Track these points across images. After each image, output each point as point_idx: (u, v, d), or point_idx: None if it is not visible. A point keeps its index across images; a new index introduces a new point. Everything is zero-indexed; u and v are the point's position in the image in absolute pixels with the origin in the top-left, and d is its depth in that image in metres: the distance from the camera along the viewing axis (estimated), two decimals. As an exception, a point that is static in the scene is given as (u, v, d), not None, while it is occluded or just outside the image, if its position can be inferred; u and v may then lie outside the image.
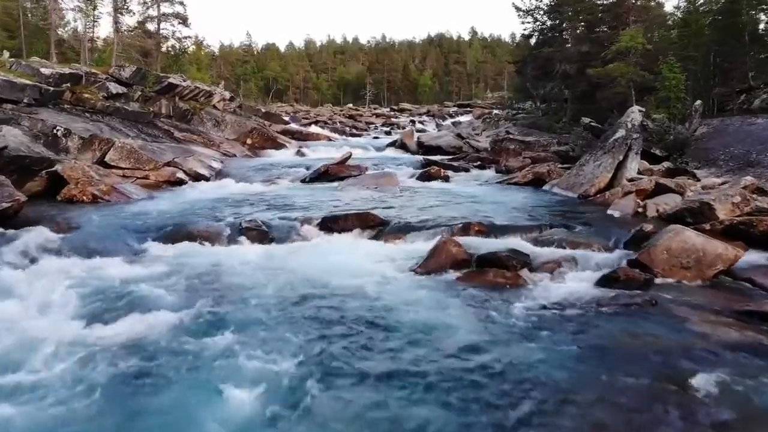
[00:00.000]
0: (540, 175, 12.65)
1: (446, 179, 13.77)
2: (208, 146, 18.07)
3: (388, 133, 36.54)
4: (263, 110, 27.07)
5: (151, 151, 13.09)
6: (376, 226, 7.42)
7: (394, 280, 5.25)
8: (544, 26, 25.49)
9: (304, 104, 63.98)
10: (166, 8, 23.13)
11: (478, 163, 16.45)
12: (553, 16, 24.29)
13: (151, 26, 23.24)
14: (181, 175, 12.69)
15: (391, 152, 23.31)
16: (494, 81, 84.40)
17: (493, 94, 75.55)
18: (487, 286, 5.00)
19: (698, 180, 10.37)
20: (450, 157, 19.60)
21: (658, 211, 7.79)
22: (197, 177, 13.29)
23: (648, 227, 6.23)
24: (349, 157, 14.65)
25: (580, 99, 19.85)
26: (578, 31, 22.01)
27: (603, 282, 5.08)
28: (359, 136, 33.79)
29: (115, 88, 15.88)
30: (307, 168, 14.68)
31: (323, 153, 21.66)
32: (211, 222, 7.49)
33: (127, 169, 12.31)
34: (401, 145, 23.90)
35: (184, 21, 23.31)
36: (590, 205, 9.11)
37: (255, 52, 79.33)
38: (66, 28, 30.82)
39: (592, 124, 13.20)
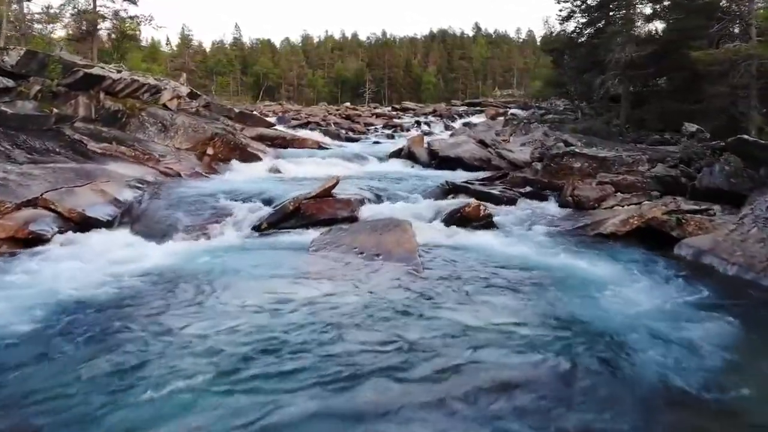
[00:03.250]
0: (658, 223, 7.39)
1: (489, 223, 8.54)
2: (141, 162, 12.83)
3: (390, 137, 31.47)
4: (236, 110, 21.83)
5: (-2, 183, 7.82)
6: None
7: None
8: (585, 3, 20.23)
9: (297, 103, 58.57)
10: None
11: (527, 189, 11.17)
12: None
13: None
14: (41, 225, 7.42)
15: (396, 164, 18.12)
16: (502, 78, 79.01)
17: (502, 92, 70.24)
18: None
19: None
20: (478, 175, 14.37)
21: None
22: (84, 223, 8.04)
23: None
24: (336, 184, 9.41)
25: (658, 96, 14.61)
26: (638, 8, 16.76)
27: None
28: (356, 140, 28.61)
29: (-17, 79, 10.64)
30: (269, 202, 9.42)
31: (306, 167, 16.48)
32: None
33: (-57, 216, 7.06)
34: (408, 155, 18.68)
35: (129, -4, 17.93)
36: None
37: (245, 47, 73.80)
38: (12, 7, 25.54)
39: (749, 138, 7.91)
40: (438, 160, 17.33)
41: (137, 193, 9.95)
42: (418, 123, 38.18)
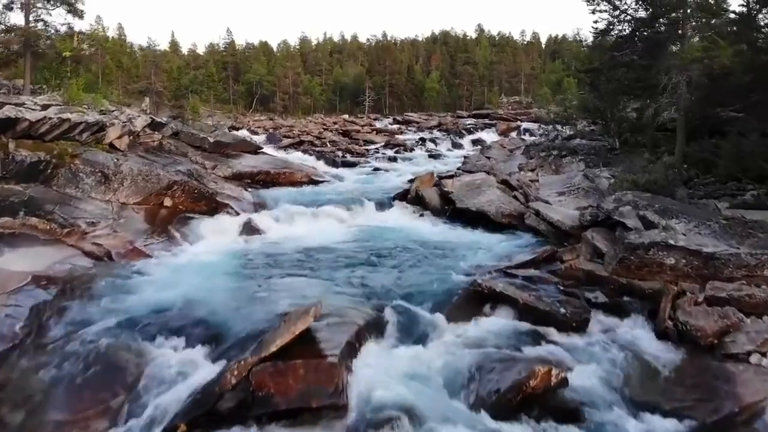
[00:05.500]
0: None
1: (567, 409, 5.10)
2: (58, 238, 9.49)
3: (392, 159, 28.23)
4: (212, 139, 18.45)
5: None
6: None
7: None
8: (628, 13, 16.76)
9: (292, 113, 55.00)
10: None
11: (596, 293, 7.66)
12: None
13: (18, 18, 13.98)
14: None
15: (400, 214, 14.72)
16: (509, 84, 75.36)
17: (509, 99, 66.77)
18: None
19: None
20: (511, 245, 10.95)
21: None
22: None
23: None
24: (314, 319, 5.94)
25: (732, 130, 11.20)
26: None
27: None
28: (354, 165, 25.27)
29: None
30: (221, 333, 5.95)
31: (292, 224, 13.22)
32: None
33: None
34: (416, 199, 15.26)
35: (73, 8, 14.21)
36: None
37: (237, 52, 70.13)
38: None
39: None
40: (453, 211, 13.96)
41: (7, 327, 6.46)
42: (423, 140, 34.78)
